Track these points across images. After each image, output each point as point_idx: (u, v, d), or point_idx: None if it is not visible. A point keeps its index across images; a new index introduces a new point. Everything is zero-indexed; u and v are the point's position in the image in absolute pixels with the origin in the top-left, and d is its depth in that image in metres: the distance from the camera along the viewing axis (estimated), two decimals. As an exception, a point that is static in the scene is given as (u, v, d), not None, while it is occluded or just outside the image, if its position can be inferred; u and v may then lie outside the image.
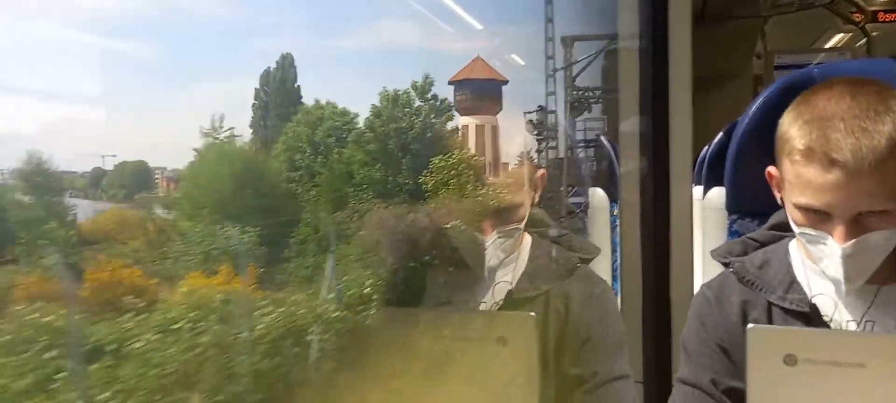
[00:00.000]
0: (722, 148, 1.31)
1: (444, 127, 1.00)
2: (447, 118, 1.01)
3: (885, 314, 0.92)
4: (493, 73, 1.27)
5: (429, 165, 0.97)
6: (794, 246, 1.03)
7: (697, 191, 1.40)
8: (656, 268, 1.16)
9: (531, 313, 0.66)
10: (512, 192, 1.06)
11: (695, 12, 1.32)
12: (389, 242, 0.94)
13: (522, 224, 1.08)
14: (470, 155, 1.01)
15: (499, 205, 1.03)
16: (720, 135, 1.45)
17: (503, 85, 1.29)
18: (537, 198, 1.13)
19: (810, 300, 0.95)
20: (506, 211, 1.05)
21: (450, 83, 1.21)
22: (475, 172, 0.98)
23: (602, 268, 1.30)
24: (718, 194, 1.23)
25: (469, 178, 0.96)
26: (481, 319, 0.74)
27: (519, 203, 1.08)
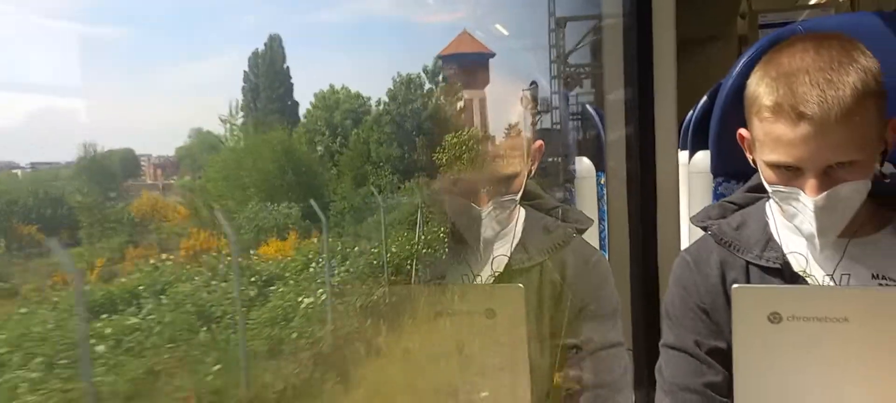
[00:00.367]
0: (706, 111, 1.31)
1: (454, 106, 1.05)
2: (457, 99, 1.05)
3: (858, 265, 0.94)
4: (480, 47, 1.27)
5: (441, 142, 1.03)
6: (771, 204, 1.04)
7: (683, 156, 1.40)
8: (643, 235, 1.16)
9: (519, 285, 0.66)
10: (509, 162, 1.07)
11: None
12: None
13: (518, 194, 1.09)
14: (478, 129, 1.03)
15: (496, 176, 1.03)
16: (704, 99, 1.44)
17: (490, 57, 1.29)
18: (533, 170, 1.13)
19: (784, 257, 0.97)
20: (503, 181, 1.06)
21: (438, 57, 1.20)
22: (480, 146, 1.00)
23: (590, 238, 1.31)
24: (703, 158, 1.23)
25: (479, 152, 1.02)
26: (470, 291, 0.74)
27: (516, 173, 1.08)
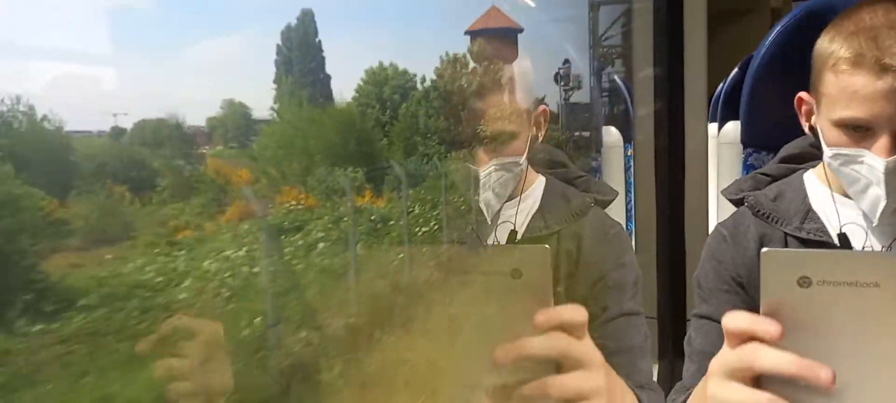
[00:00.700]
0: (737, 83, 1.29)
1: (497, 83, 1.07)
2: (499, 79, 1.09)
3: None
4: (509, 22, 1.26)
5: (484, 115, 1.03)
6: (810, 177, 1.02)
7: (712, 129, 1.38)
8: (671, 206, 1.16)
9: (545, 245, 0.66)
10: (504, 119, 1.03)
11: (710, -57, 1.30)
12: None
13: (522, 157, 1.05)
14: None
15: (491, 133, 1.01)
16: (735, 71, 1.42)
17: (519, 32, 1.28)
18: (540, 136, 1.10)
19: (840, 229, 0.95)
20: (500, 139, 1.02)
21: (466, 33, 1.20)
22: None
23: (616, 208, 1.31)
24: (733, 128, 1.22)
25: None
26: (495, 252, 0.74)
27: (513, 132, 1.04)
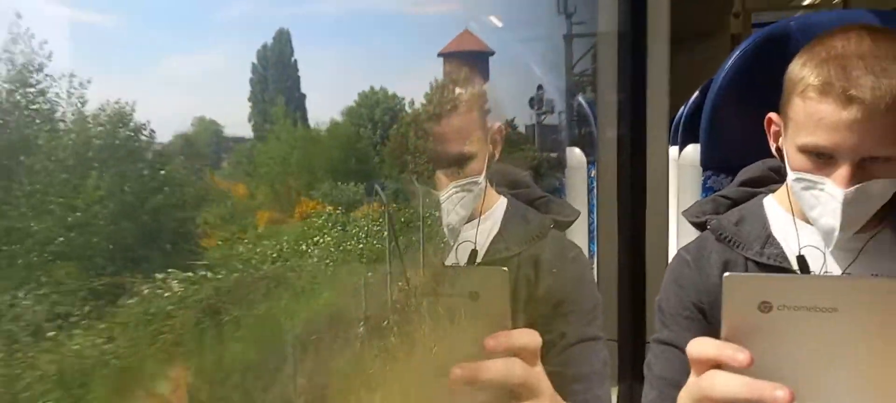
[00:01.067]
0: (698, 107, 1.31)
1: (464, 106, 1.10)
2: (466, 100, 1.15)
3: (868, 267, 0.92)
4: (481, 45, 1.28)
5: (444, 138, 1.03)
6: (770, 201, 1.03)
7: (673, 152, 1.40)
8: (632, 229, 1.16)
9: (504, 268, 0.65)
10: (459, 140, 1.01)
11: (671, -31, 1.31)
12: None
13: (481, 177, 1.03)
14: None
15: (446, 154, 0.99)
16: (696, 95, 1.44)
17: (490, 55, 1.30)
18: (497, 153, 1.09)
19: (799, 251, 0.95)
20: (457, 162, 1.00)
21: (439, 55, 1.20)
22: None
23: (580, 230, 1.30)
24: (693, 151, 1.22)
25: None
26: (454, 273, 0.73)
27: (470, 153, 1.02)
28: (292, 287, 0.54)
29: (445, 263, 0.97)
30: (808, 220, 0.94)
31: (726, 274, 0.64)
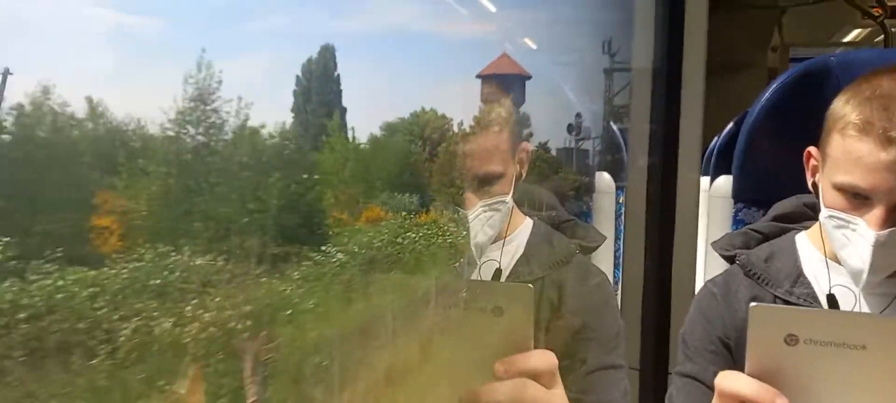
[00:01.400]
0: (732, 138, 1.29)
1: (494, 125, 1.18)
2: (525, 127, 1.24)
3: None
4: (518, 69, 1.30)
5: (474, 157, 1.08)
6: (802, 238, 1.01)
7: (705, 182, 1.38)
8: (659, 257, 1.15)
9: (529, 285, 0.65)
10: (490, 162, 1.03)
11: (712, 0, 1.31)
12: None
13: (508, 197, 1.04)
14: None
15: (476, 173, 1.01)
16: (730, 126, 1.43)
17: (527, 80, 1.33)
18: (523, 173, 1.09)
19: (829, 290, 0.93)
20: (486, 182, 1.02)
21: (477, 77, 1.24)
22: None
23: (605, 256, 1.29)
24: (725, 182, 1.21)
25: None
26: (478, 288, 0.73)
27: (498, 172, 1.03)
28: (406, 264, 0.73)
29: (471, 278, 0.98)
30: (840, 261, 0.92)
31: (753, 304, 0.63)
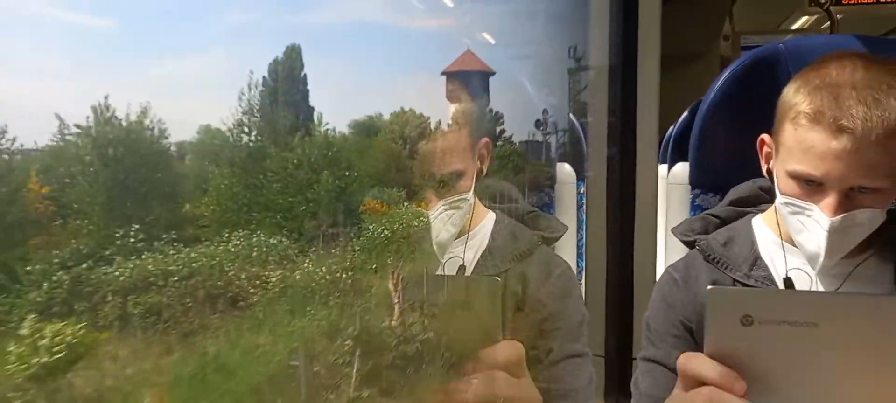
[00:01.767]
0: (687, 126, 1.32)
1: (495, 129, 1.23)
2: (499, 124, 1.26)
3: (856, 289, 0.92)
4: (483, 66, 1.31)
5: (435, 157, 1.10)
6: (758, 221, 1.04)
7: (662, 170, 1.40)
8: (621, 245, 1.16)
9: (497, 278, 0.65)
10: (450, 159, 1.02)
11: (663, -10, 1.33)
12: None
13: (469, 193, 1.04)
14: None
15: (437, 173, 1.00)
16: (685, 115, 1.45)
17: (491, 76, 1.34)
18: (484, 169, 1.09)
19: (786, 274, 0.96)
20: (445, 180, 1.01)
21: (443, 74, 1.24)
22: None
23: (568, 246, 1.31)
24: (682, 169, 1.23)
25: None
26: (446, 283, 0.73)
27: (459, 170, 1.03)
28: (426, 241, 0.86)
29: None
30: (796, 245, 0.95)
31: (710, 288, 0.65)
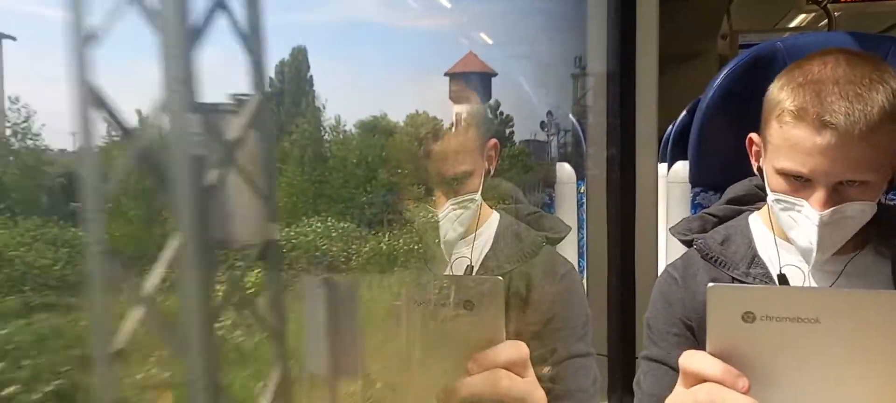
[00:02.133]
0: (686, 126, 1.32)
1: (504, 131, 1.33)
2: (509, 127, 1.36)
3: (851, 285, 0.93)
4: (485, 67, 1.33)
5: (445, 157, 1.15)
6: (755, 219, 1.04)
7: (662, 169, 1.41)
8: (622, 244, 1.17)
9: (499, 277, 0.66)
10: (460, 160, 1.04)
11: (661, -10, 1.34)
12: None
13: (477, 193, 1.05)
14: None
15: (447, 174, 1.01)
16: (684, 114, 1.46)
17: (492, 77, 1.36)
18: (492, 169, 1.10)
19: (780, 270, 0.96)
20: (455, 180, 1.03)
21: (446, 74, 1.26)
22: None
23: (569, 246, 1.31)
24: (682, 167, 1.24)
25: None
26: (448, 282, 0.73)
27: (468, 171, 1.04)
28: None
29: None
30: (790, 241, 0.95)
31: (710, 285, 0.65)
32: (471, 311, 0.64)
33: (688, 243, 1.07)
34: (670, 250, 1.19)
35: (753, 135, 0.99)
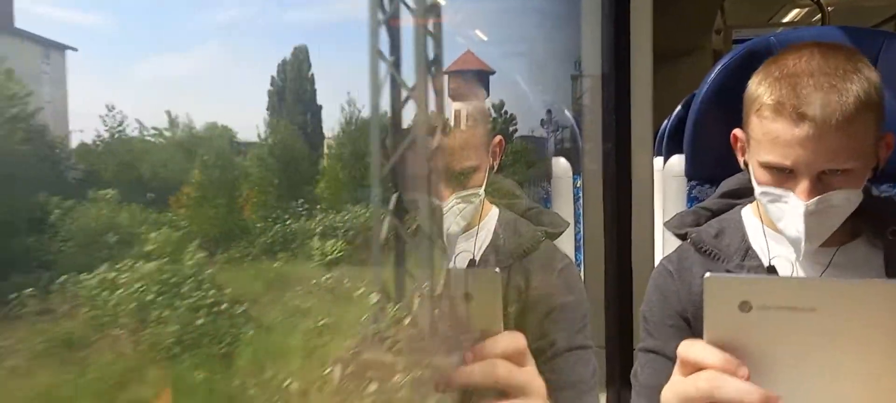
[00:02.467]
0: (681, 120, 1.33)
1: (508, 129, 1.32)
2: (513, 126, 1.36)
3: (841, 275, 0.95)
4: (483, 65, 1.35)
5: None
6: (747, 212, 1.05)
7: (657, 163, 1.42)
8: (618, 238, 1.18)
9: (496, 270, 0.67)
10: (466, 155, 1.05)
11: (655, -15, 1.35)
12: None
13: (481, 188, 1.07)
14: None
15: (453, 168, 1.03)
16: (679, 108, 1.47)
17: (491, 75, 1.38)
18: (496, 165, 1.11)
19: (769, 262, 0.98)
20: (461, 174, 1.04)
21: (445, 72, 1.28)
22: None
23: (566, 240, 1.32)
24: (678, 161, 1.25)
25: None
26: (448, 276, 0.74)
27: (474, 166, 1.06)
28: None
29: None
30: (778, 231, 0.97)
31: (707, 275, 0.66)
32: (469, 303, 0.65)
33: (682, 237, 1.08)
34: (667, 243, 1.20)
35: (737, 132, 1.01)
